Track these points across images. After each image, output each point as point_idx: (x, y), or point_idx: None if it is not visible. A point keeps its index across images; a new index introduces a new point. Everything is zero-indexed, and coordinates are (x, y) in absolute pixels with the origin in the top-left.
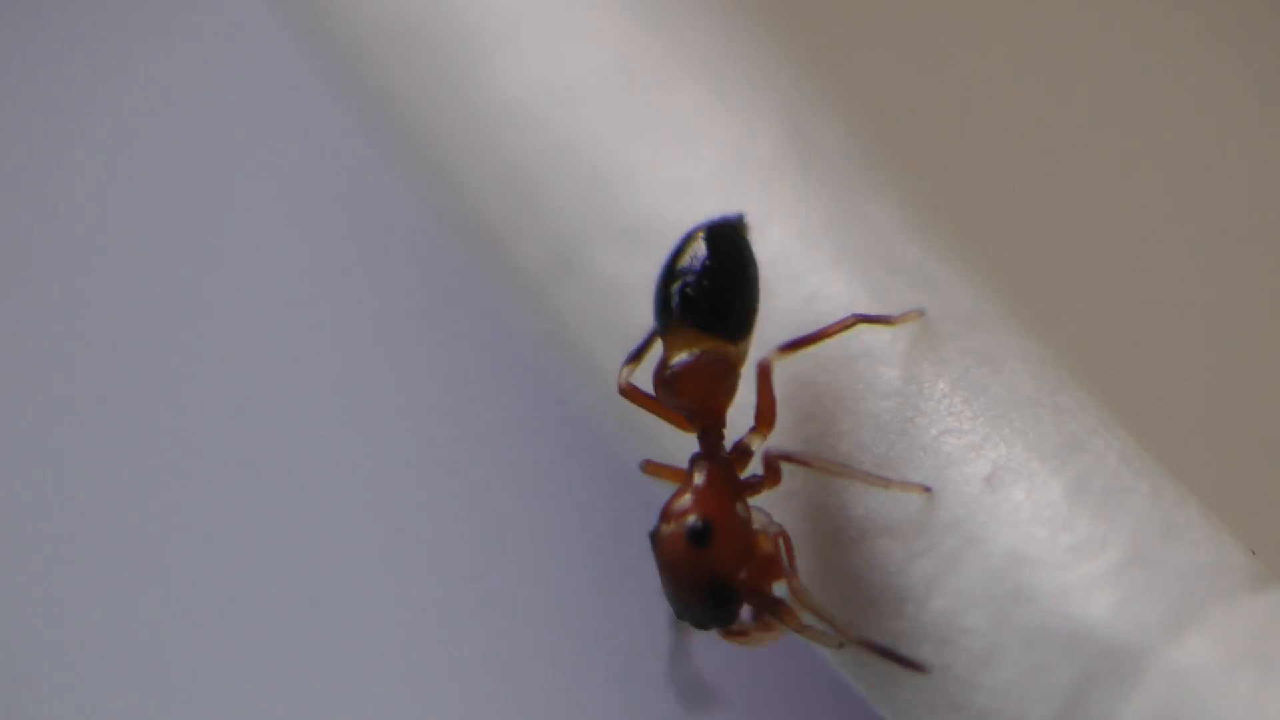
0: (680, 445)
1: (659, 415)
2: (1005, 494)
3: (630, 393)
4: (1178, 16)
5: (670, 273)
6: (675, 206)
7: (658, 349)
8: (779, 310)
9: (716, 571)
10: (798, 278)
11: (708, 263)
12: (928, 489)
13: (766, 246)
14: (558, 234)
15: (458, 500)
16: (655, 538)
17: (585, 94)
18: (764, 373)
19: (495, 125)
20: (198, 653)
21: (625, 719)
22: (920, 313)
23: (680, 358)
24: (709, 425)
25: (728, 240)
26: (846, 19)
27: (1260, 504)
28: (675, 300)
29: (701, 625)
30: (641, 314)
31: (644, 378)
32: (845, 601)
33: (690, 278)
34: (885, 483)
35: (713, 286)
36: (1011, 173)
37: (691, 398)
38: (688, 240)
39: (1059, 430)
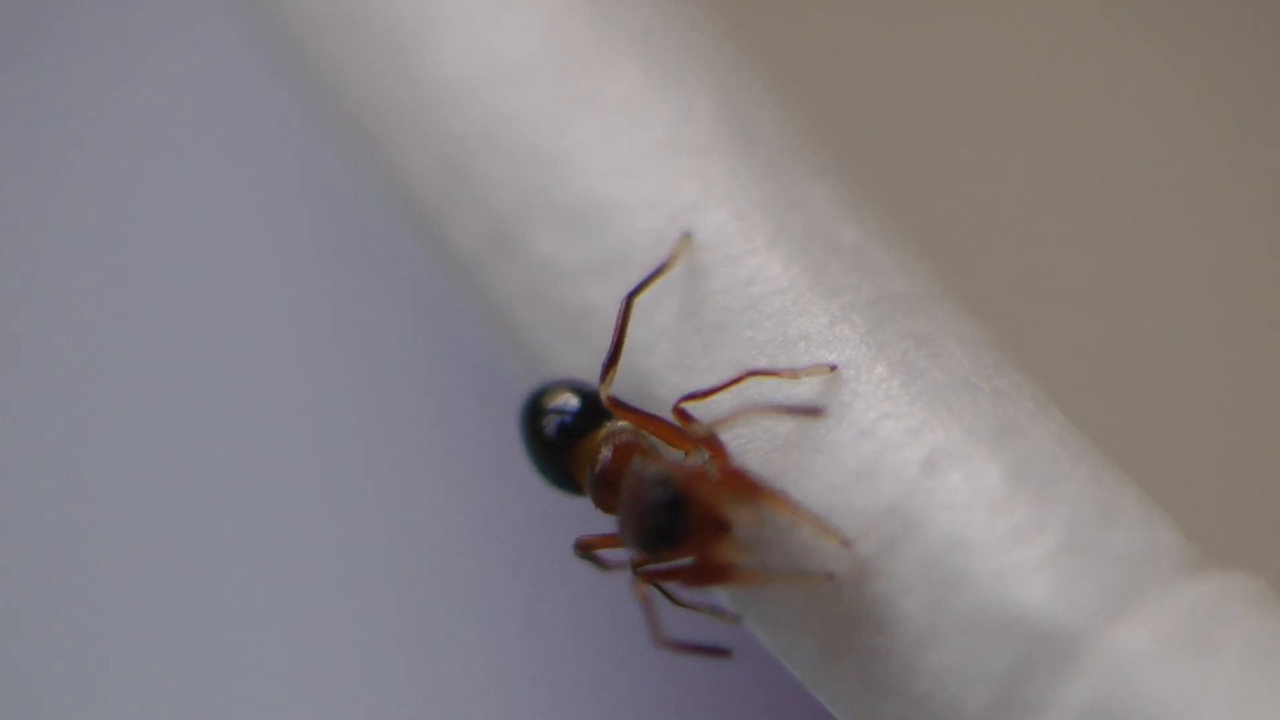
0: None
1: (646, 427)
2: (943, 478)
3: (615, 406)
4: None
5: (535, 427)
6: (613, 186)
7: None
8: (717, 293)
9: (672, 475)
10: (736, 260)
11: (565, 391)
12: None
13: (704, 228)
14: (497, 213)
15: (439, 499)
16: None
17: (524, 73)
18: (680, 417)
19: (434, 104)
20: (185, 653)
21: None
22: (830, 368)
23: (600, 459)
24: None
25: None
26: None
27: (1198, 488)
28: (554, 431)
29: (652, 540)
30: (580, 294)
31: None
32: (782, 588)
33: (556, 413)
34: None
35: (578, 401)
36: (950, 154)
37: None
38: (540, 396)
39: (997, 414)
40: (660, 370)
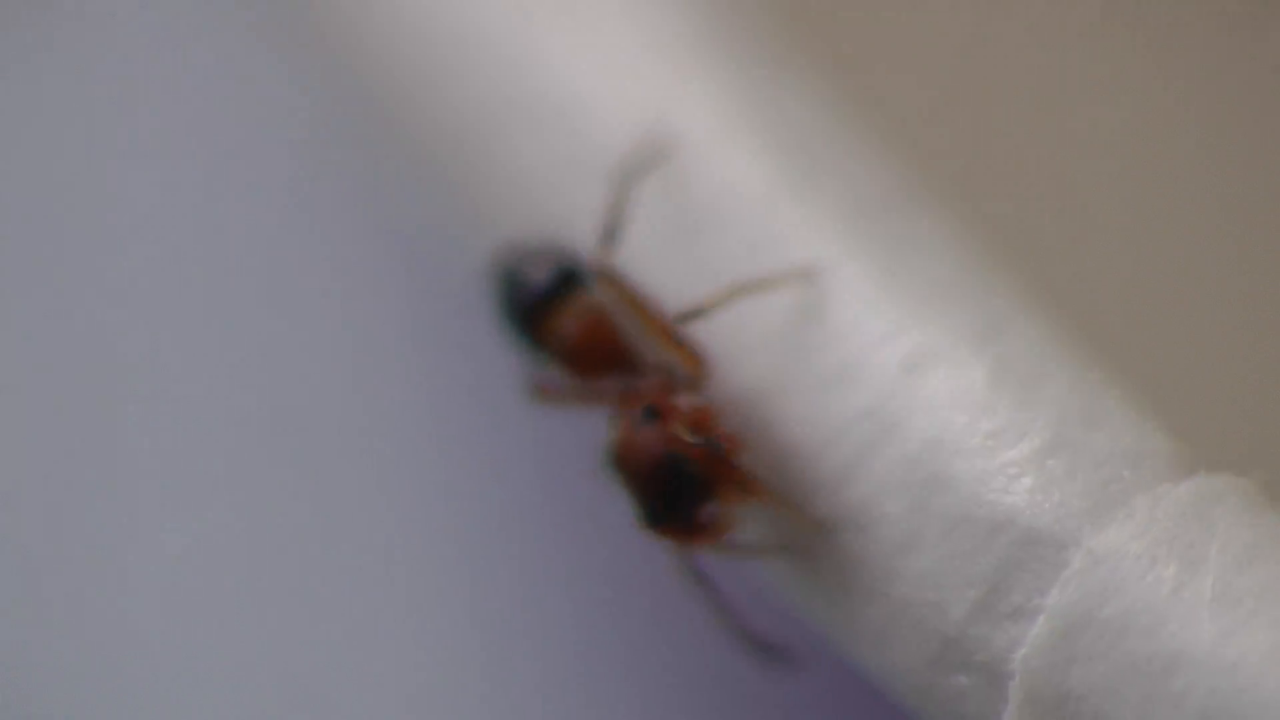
0: None
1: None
2: (924, 379)
3: (608, 278)
4: None
5: (509, 289)
6: (591, 86)
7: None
8: (690, 194)
9: (673, 446)
10: (710, 162)
11: (541, 253)
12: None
13: (679, 130)
14: (471, 116)
15: (446, 497)
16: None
17: None
18: (666, 334)
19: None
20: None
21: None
22: (805, 269)
23: (567, 334)
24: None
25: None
26: None
27: (1188, 390)
28: (527, 297)
29: (662, 517)
30: (558, 196)
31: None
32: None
33: (531, 277)
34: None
35: (554, 265)
36: (924, 56)
37: (595, 343)
38: (515, 257)
39: (977, 314)
40: (631, 269)
